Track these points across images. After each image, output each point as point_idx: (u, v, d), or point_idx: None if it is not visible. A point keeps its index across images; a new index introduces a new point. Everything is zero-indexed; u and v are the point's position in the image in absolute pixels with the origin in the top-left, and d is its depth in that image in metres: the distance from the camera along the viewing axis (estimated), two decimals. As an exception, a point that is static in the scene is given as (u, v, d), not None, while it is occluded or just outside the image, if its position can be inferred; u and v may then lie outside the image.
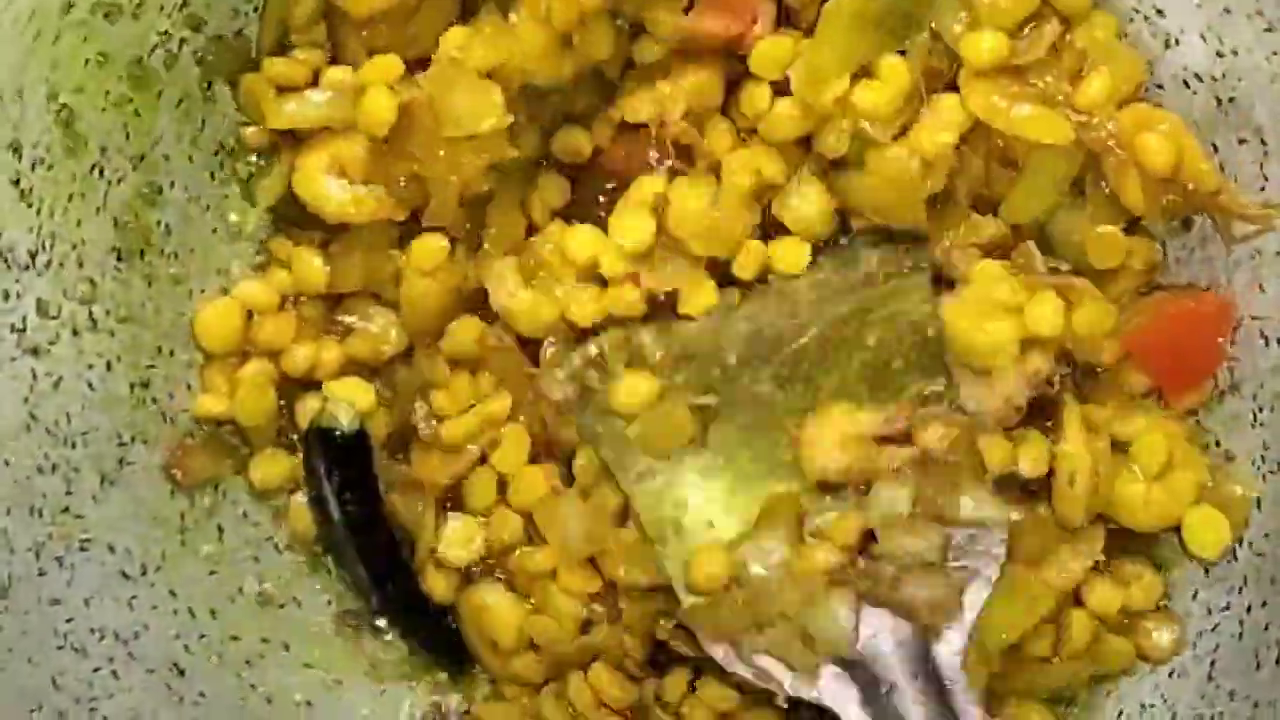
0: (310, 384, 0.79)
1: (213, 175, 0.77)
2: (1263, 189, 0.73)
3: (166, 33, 0.74)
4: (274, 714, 0.78)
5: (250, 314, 0.78)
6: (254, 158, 0.78)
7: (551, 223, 0.77)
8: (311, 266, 0.78)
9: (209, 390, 0.78)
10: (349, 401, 0.78)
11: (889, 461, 0.73)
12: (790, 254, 0.76)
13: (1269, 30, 0.71)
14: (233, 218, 0.78)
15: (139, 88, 0.73)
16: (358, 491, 0.78)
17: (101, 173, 0.73)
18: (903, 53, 0.73)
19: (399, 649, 0.80)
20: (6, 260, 0.71)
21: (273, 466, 0.79)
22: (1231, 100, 0.73)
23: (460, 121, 0.73)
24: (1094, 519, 0.75)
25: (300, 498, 0.79)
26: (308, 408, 0.78)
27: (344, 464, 0.78)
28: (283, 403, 0.79)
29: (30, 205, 0.71)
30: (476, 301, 0.78)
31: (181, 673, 0.76)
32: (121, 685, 0.74)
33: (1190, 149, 0.72)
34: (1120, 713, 0.76)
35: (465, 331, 0.78)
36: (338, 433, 0.78)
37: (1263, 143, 0.72)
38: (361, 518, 0.79)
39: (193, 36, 0.74)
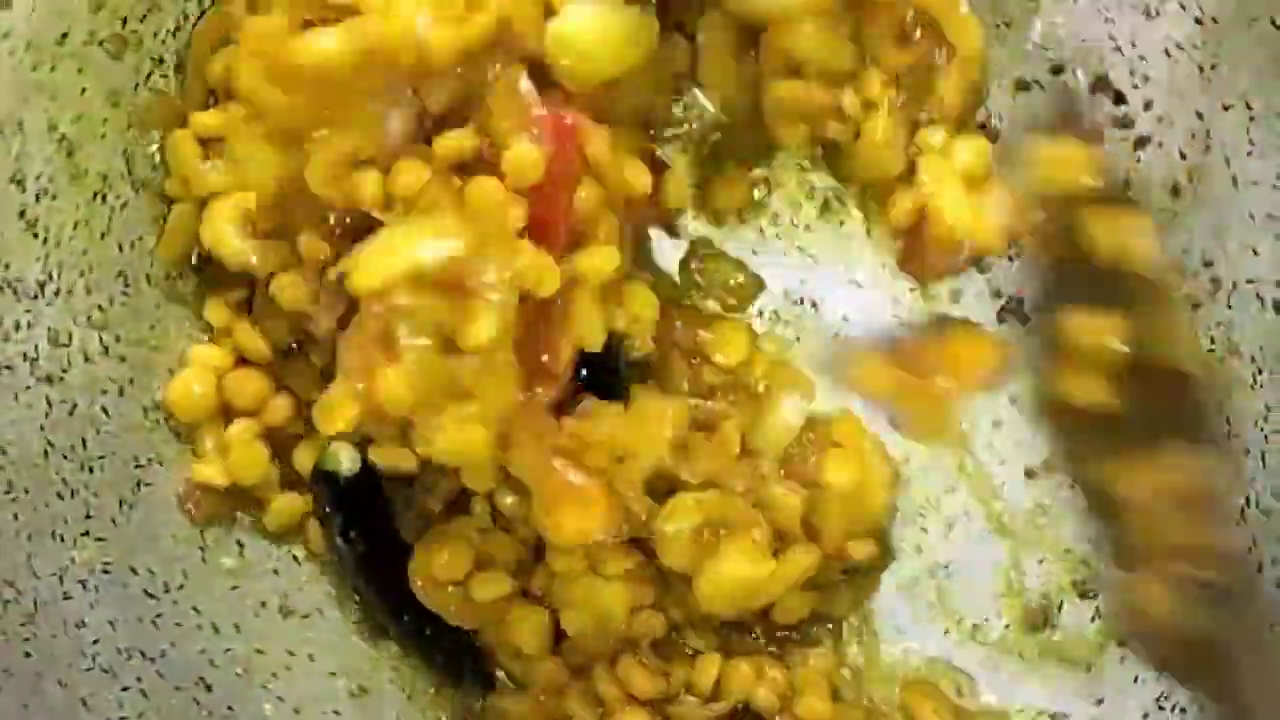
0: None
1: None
2: (1250, 154, 0.73)
3: (160, 59, 0.75)
4: (303, 725, 0.79)
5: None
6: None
7: None
8: (249, 336, 0.76)
9: (201, 456, 0.77)
10: (346, 441, 0.77)
11: None
12: None
13: (1248, -4, 0.72)
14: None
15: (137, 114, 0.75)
16: (368, 526, 0.78)
17: (104, 199, 0.74)
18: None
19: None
20: (16, 291, 0.71)
21: (285, 510, 0.78)
22: (1214, 67, 0.74)
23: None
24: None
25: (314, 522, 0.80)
26: (302, 456, 0.78)
27: (350, 503, 0.78)
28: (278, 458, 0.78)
29: (37, 236, 0.72)
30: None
31: (209, 688, 0.76)
32: (151, 704, 0.74)
33: None
34: (1136, 678, 0.77)
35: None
36: (342, 477, 0.77)
37: (1248, 107, 0.73)
38: (374, 551, 0.78)
39: (189, 56, 0.75)
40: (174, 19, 0.74)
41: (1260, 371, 0.74)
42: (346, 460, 0.77)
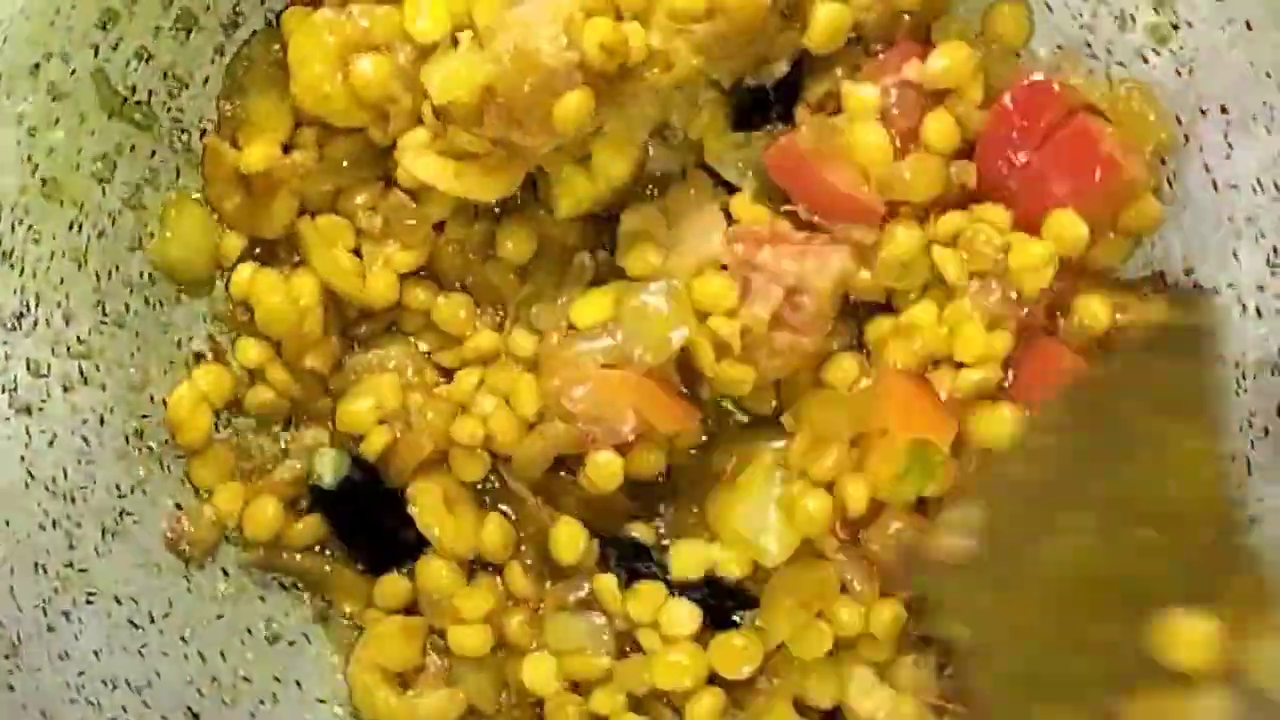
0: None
1: (189, 224, 0.78)
2: (1228, 157, 0.73)
3: (134, 87, 0.74)
4: (290, 751, 0.79)
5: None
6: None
7: None
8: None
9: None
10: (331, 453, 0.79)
11: None
12: None
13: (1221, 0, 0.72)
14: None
15: (112, 144, 0.74)
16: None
17: (80, 229, 0.74)
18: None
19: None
20: (-7, 323, 0.72)
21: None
22: (1190, 71, 0.74)
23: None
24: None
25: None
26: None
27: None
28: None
29: (13, 266, 0.72)
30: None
31: (196, 717, 0.76)
32: (138, 734, 0.74)
33: None
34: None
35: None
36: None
37: (1223, 110, 0.73)
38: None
39: (161, 86, 0.75)
40: (141, 46, 0.74)
41: (1244, 377, 0.74)
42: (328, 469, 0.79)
